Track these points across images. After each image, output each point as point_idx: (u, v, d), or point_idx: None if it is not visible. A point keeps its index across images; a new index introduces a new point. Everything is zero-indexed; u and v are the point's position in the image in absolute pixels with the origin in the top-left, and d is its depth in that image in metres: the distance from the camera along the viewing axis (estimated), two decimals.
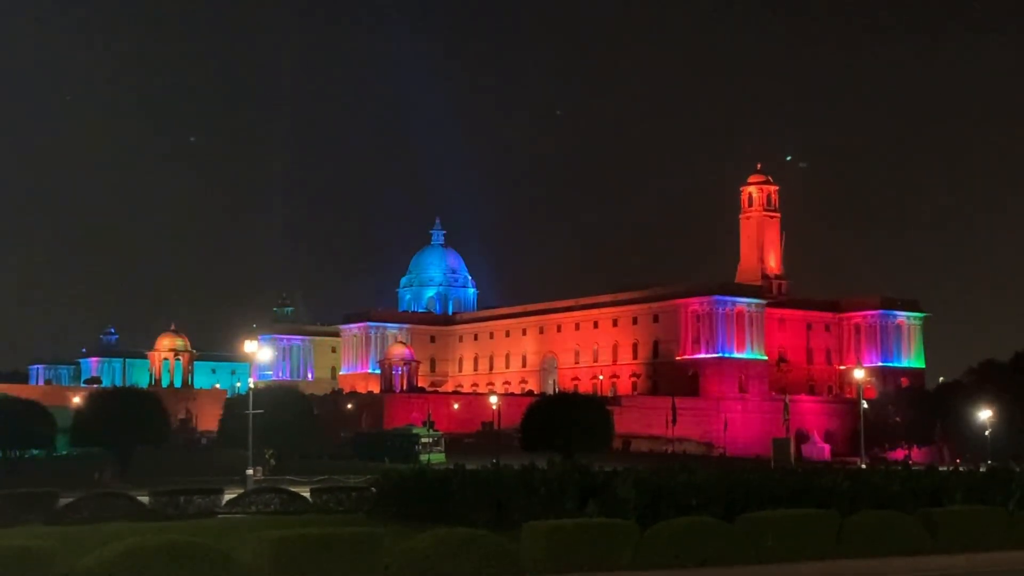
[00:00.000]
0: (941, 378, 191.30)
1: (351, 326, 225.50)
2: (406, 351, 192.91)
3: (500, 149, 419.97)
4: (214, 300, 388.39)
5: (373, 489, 52.01)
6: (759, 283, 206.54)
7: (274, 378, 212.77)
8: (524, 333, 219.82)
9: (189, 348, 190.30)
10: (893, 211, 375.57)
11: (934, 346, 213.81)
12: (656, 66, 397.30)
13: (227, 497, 52.27)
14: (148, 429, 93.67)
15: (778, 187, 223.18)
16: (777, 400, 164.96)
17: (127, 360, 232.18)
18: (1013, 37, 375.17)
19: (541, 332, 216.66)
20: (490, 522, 37.90)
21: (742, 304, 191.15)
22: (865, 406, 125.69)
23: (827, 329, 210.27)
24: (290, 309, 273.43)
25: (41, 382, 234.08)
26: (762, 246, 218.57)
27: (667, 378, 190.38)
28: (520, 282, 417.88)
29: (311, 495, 53.18)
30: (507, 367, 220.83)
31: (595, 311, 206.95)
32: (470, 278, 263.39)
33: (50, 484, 57.08)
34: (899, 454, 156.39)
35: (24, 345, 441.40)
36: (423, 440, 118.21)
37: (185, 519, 47.57)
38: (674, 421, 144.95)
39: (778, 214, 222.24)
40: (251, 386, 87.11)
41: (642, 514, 36.08)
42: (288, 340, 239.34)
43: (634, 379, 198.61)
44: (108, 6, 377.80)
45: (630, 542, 32.51)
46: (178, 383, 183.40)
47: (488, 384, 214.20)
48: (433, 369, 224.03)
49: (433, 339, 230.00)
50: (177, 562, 26.69)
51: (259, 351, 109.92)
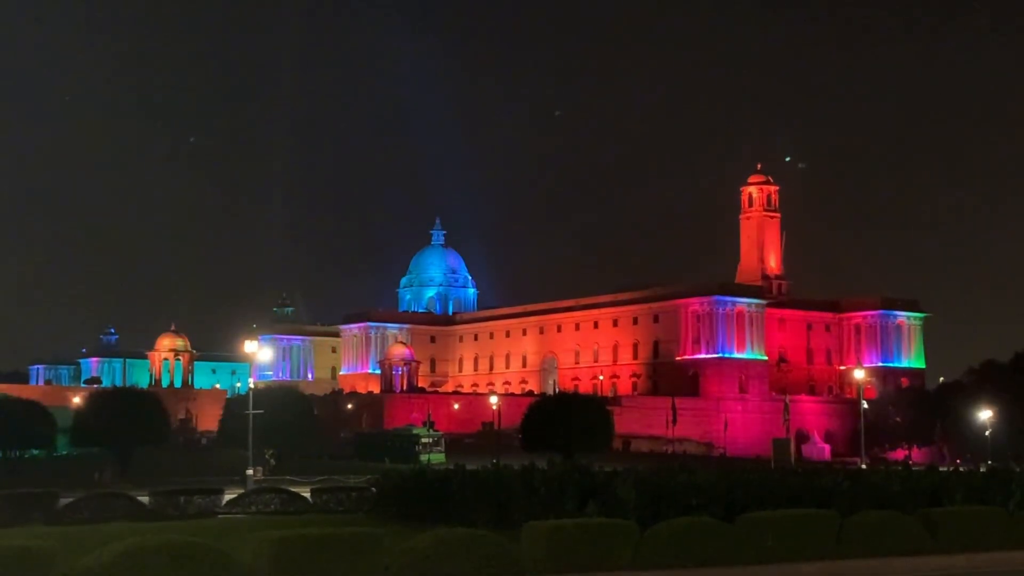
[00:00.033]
0: (941, 378, 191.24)
1: (351, 326, 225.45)
2: (406, 351, 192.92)
3: (500, 149, 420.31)
4: (214, 300, 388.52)
5: (373, 489, 52.06)
6: (759, 283, 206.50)
7: (274, 378, 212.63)
8: (524, 333, 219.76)
9: (189, 348, 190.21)
10: (893, 211, 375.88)
11: (934, 346, 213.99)
12: (656, 66, 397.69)
13: (227, 497, 52.30)
14: (148, 429, 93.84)
15: (778, 187, 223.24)
16: (777, 400, 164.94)
17: (127, 360, 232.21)
18: (1013, 37, 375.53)
19: (541, 332, 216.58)
20: (490, 522, 37.93)
21: (742, 304, 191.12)
22: (865, 406, 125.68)
23: (827, 329, 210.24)
24: (290, 309, 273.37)
25: (41, 382, 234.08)
26: (762, 246, 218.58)
27: (667, 378, 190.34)
28: (520, 282, 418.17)
29: (311, 495, 53.18)
30: (507, 367, 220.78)
31: (595, 311, 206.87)
32: (470, 278, 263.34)
33: (50, 484, 57.15)
34: (899, 454, 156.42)
35: (24, 345, 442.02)
36: (423, 440, 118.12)
37: (185, 519, 47.58)
38: (674, 421, 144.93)
39: (778, 214, 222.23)
40: (251, 386, 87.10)
41: (642, 514, 36.07)
42: (288, 340, 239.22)
43: (634, 379, 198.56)
44: (108, 6, 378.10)
45: (630, 542, 32.50)
46: (178, 383, 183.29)
47: (488, 384, 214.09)
48: (433, 369, 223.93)
49: (433, 339, 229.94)
50: (177, 562, 26.71)
51: (259, 351, 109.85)
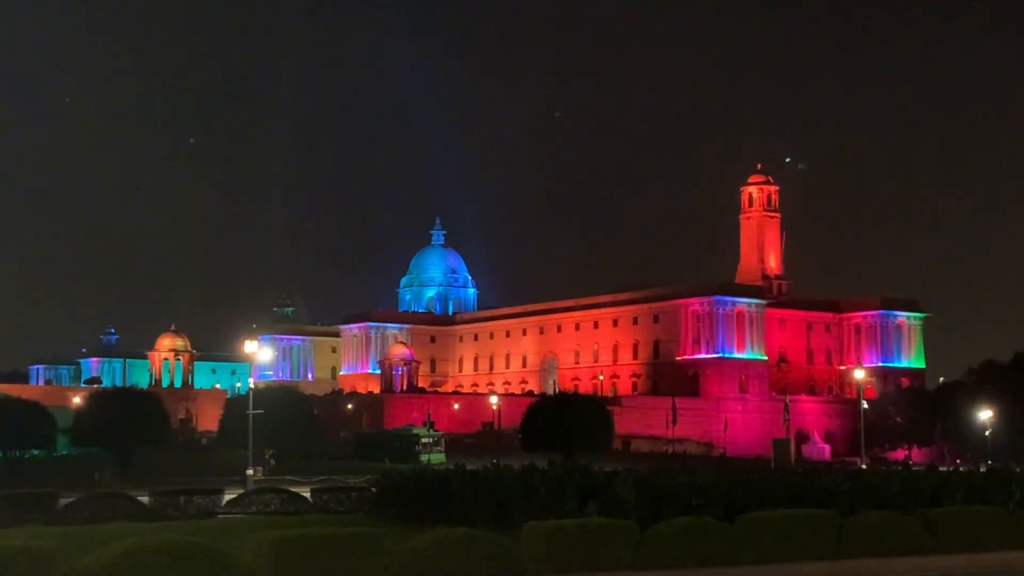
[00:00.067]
0: (941, 378, 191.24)
1: (351, 326, 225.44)
2: (406, 351, 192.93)
3: (500, 149, 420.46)
4: (214, 300, 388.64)
5: (373, 489, 51.98)
6: (759, 283, 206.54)
7: (274, 378, 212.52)
8: (524, 333, 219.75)
9: (189, 348, 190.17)
10: (893, 211, 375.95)
11: (934, 346, 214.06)
12: (656, 66, 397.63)
13: (227, 497, 52.24)
14: (148, 429, 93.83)
15: (778, 187, 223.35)
16: (777, 400, 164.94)
17: (127, 360, 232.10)
18: (1013, 37, 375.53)
19: (541, 332, 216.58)
20: (490, 522, 37.88)
21: (742, 304, 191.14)
22: (865, 406, 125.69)
23: (827, 329, 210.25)
24: (290, 309, 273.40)
25: (41, 382, 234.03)
26: (762, 246, 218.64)
27: (667, 378, 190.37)
28: (520, 282, 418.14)
29: (311, 495, 53.12)
30: (507, 367, 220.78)
31: (595, 311, 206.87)
32: (470, 278, 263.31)
33: (50, 484, 57.18)
34: (899, 454, 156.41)
35: (24, 345, 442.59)
36: (423, 440, 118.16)
37: (185, 519, 47.52)
38: (674, 421, 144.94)
39: (778, 214, 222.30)
40: (251, 386, 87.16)
41: (642, 514, 36.01)
42: (288, 340, 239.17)
43: (634, 379, 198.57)
44: (108, 6, 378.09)
45: (630, 542, 32.46)
46: (178, 383, 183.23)
47: (488, 384, 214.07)
48: (433, 369, 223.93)
49: (433, 339, 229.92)
50: (177, 562, 26.67)
51: (259, 351, 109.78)
